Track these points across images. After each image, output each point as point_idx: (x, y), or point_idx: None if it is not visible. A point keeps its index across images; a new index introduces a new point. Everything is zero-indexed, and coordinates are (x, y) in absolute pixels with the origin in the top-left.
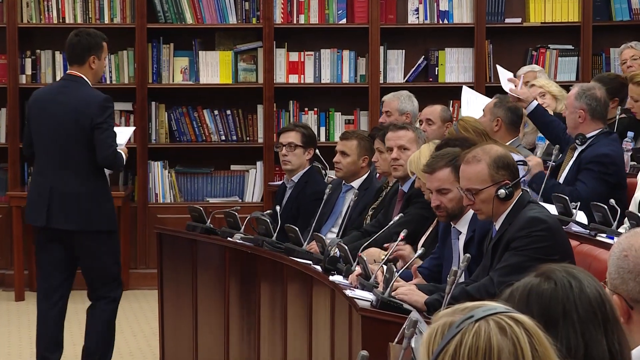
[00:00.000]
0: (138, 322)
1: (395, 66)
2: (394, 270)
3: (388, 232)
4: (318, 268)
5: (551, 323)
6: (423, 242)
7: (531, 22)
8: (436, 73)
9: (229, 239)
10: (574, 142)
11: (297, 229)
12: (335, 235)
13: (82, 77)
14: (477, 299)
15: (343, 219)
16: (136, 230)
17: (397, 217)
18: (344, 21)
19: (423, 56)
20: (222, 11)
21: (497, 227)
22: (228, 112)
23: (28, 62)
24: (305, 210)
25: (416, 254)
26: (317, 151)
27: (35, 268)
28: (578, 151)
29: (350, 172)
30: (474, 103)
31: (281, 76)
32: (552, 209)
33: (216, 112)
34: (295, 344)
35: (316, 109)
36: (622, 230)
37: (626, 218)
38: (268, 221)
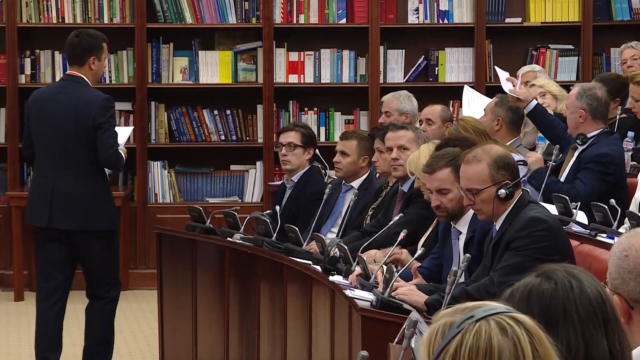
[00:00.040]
0: (137, 323)
1: (395, 66)
2: (394, 270)
3: (388, 232)
4: (318, 268)
5: (551, 323)
6: (423, 242)
7: (531, 22)
8: (436, 73)
9: (229, 239)
10: (575, 142)
11: (297, 229)
12: (335, 235)
13: (83, 78)
14: (477, 299)
15: (343, 219)
16: (135, 230)
17: (397, 217)
18: (344, 21)
19: (423, 56)
20: (222, 11)
21: (498, 227)
22: (228, 112)
23: (27, 62)
24: (305, 210)
25: (416, 254)
26: (317, 151)
27: (34, 268)
28: (579, 151)
29: (350, 172)
30: (475, 103)
31: (281, 76)
32: (553, 209)
33: (216, 112)
34: (295, 344)
35: (316, 109)
36: (623, 230)
37: (626, 218)
38: (268, 221)
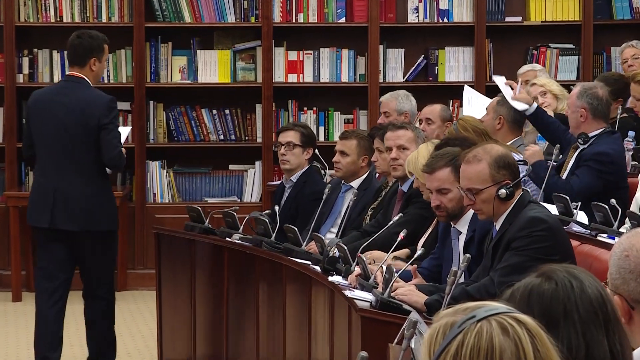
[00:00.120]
0: (136, 323)
1: (394, 65)
2: (394, 270)
3: (387, 232)
4: (317, 268)
5: (552, 323)
6: (423, 243)
7: (531, 21)
8: (436, 72)
9: (228, 239)
10: (577, 141)
11: (296, 229)
12: (334, 235)
13: (84, 78)
14: (478, 299)
15: (342, 219)
16: (134, 230)
17: (397, 217)
18: (343, 20)
19: (423, 55)
20: (221, 10)
21: (498, 227)
22: (227, 112)
23: (25, 61)
24: (304, 210)
25: (416, 254)
26: (317, 151)
27: (32, 268)
28: (579, 150)
29: (349, 172)
30: (475, 102)
31: (280, 75)
32: (553, 209)
33: (215, 112)
34: (294, 345)
35: (315, 109)
36: (623, 230)
37: (627, 218)
38: (267, 221)
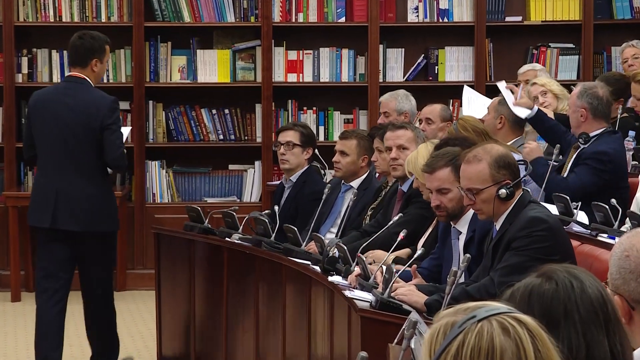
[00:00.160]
0: (135, 323)
1: (394, 65)
2: (393, 270)
3: (387, 232)
4: (317, 268)
5: (552, 323)
6: (423, 243)
7: (532, 21)
8: (436, 72)
9: (227, 239)
10: (577, 141)
11: (296, 229)
12: (334, 235)
13: (86, 79)
14: (478, 299)
15: (342, 219)
16: (133, 230)
17: (397, 217)
18: (343, 19)
19: (423, 55)
20: (220, 9)
21: (498, 227)
22: (226, 111)
23: (24, 61)
24: (303, 210)
25: (416, 254)
26: (316, 151)
27: (31, 268)
28: (580, 149)
29: (349, 172)
30: (475, 102)
31: (280, 75)
32: (553, 209)
33: (214, 111)
34: (294, 345)
35: (315, 108)
36: (624, 230)
37: (627, 218)
38: (266, 221)
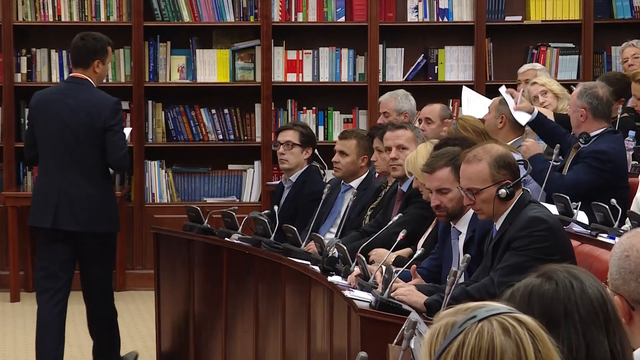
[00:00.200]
0: (134, 323)
1: (394, 64)
2: (393, 270)
3: (387, 233)
4: (316, 268)
5: (552, 324)
6: (423, 243)
7: (532, 20)
8: (436, 71)
9: (227, 240)
10: (578, 141)
11: (295, 229)
12: (333, 235)
13: (88, 80)
14: (477, 300)
15: (342, 219)
16: (133, 230)
17: (396, 217)
18: (343, 19)
19: (422, 54)
20: (220, 9)
21: (498, 227)
22: (225, 111)
23: (23, 61)
24: (303, 210)
25: (415, 255)
26: (316, 151)
27: (31, 269)
28: (580, 149)
29: (349, 172)
30: (475, 103)
31: (279, 75)
32: (553, 209)
33: (213, 111)
34: (293, 345)
35: (314, 108)
36: (624, 230)
37: (627, 218)
38: (266, 221)
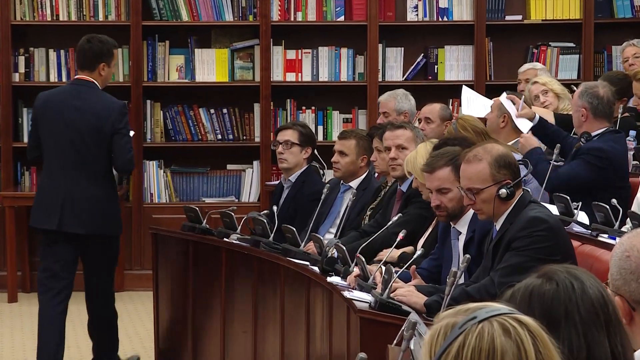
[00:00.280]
0: (133, 324)
1: (394, 64)
2: (393, 271)
3: (387, 233)
4: (316, 269)
5: (553, 324)
6: (423, 243)
7: (532, 20)
8: (435, 71)
9: (225, 240)
10: (579, 141)
11: (295, 229)
12: (333, 235)
13: (94, 82)
14: (478, 300)
15: (341, 219)
16: (131, 230)
17: (396, 217)
18: (342, 18)
19: (422, 54)
20: (218, 8)
21: (498, 228)
22: (224, 111)
23: (21, 60)
24: (302, 210)
25: (415, 255)
26: (315, 151)
27: (28, 269)
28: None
29: (349, 172)
30: (475, 102)
31: (278, 74)
32: (554, 209)
33: (212, 111)
34: (292, 346)
35: (314, 108)
36: (624, 230)
37: (628, 218)
38: (265, 221)
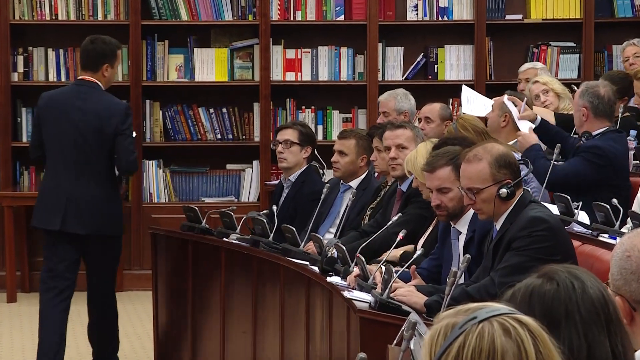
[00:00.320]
0: (132, 324)
1: (394, 63)
2: (393, 271)
3: (386, 233)
4: (315, 269)
5: (553, 324)
6: (423, 243)
7: (532, 19)
8: (435, 70)
9: (225, 240)
10: (580, 140)
11: (294, 229)
12: (332, 235)
13: (98, 83)
14: (478, 300)
15: (341, 219)
16: (130, 230)
17: (396, 217)
18: (342, 18)
19: (422, 53)
20: (218, 7)
21: (498, 227)
22: (224, 111)
23: (20, 60)
24: (302, 210)
25: (415, 255)
26: (315, 150)
27: (27, 269)
28: None
29: (348, 172)
30: (475, 102)
31: (278, 74)
32: (554, 209)
33: (212, 111)
34: (292, 346)
35: (313, 107)
36: (625, 230)
37: (629, 218)
38: (264, 221)
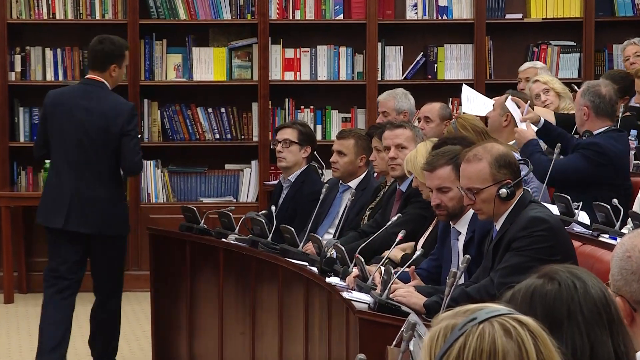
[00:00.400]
0: (130, 325)
1: (393, 63)
2: (392, 271)
3: (386, 233)
4: (314, 269)
5: (555, 324)
6: (422, 243)
7: (532, 18)
8: (435, 70)
9: (223, 240)
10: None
11: (293, 230)
12: (331, 236)
13: (105, 83)
14: (477, 301)
15: (340, 220)
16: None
17: (395, 217)
18: (341, 17)
19: (422, 53)
20: (216, 7)
21: (498, 228)
22: (222, 110)
23: (17, 59)
24: (302, 210)
25: (414, 255)
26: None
27: (25, 270)
28: None
29: (347, 172)
30: (475, 101)
31: (277, 73)
32: (554, 209)
33: (210, 110)
34: (291, 347)
35: (312, 107)
36: (625, 230)
37: (629, 218)
38: (263, 221)
